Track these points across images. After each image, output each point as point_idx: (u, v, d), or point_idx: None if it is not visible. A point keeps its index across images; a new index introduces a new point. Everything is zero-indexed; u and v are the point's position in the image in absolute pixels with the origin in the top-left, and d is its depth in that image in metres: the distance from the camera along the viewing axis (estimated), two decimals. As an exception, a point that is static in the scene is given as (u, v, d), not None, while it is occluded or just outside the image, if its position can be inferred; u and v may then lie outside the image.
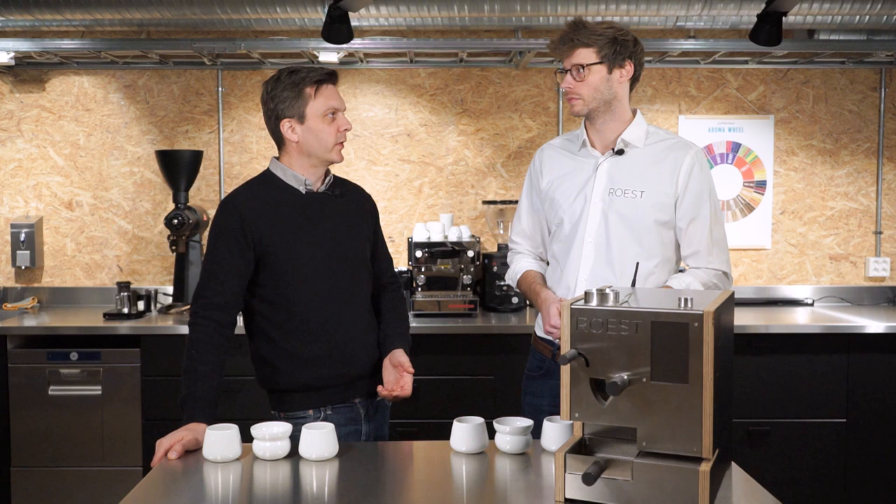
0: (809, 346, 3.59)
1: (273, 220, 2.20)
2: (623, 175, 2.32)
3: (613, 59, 2.27)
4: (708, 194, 2.32)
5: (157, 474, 1.89)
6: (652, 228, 2.29)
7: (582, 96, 2.29)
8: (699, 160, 2.32)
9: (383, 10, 3.64)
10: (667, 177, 2.30)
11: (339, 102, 2.23)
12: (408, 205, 4.28)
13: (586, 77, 2.27)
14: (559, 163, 2.44)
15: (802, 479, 3.61)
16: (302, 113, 2.19)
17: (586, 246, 2.33)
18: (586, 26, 2.28)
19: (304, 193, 2.25)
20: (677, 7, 3.57)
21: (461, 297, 3.80)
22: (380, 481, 1.89)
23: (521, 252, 2.58)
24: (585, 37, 2.26)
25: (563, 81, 2.33)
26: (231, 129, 4.26)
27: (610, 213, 2.30)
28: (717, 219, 2.34)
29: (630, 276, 2.25)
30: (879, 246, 4.30)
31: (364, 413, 2.29)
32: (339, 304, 2.25)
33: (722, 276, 2.34)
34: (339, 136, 2.23)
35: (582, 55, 2.27)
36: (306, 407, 2.22)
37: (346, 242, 2.29)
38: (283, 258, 2.19)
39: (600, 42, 2.26)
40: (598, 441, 1.74)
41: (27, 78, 4.24)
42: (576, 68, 2.28)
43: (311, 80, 2.19)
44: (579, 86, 2.29)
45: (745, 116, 4.27)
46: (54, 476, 3.60)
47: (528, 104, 4.28)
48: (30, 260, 4.15)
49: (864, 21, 3.71)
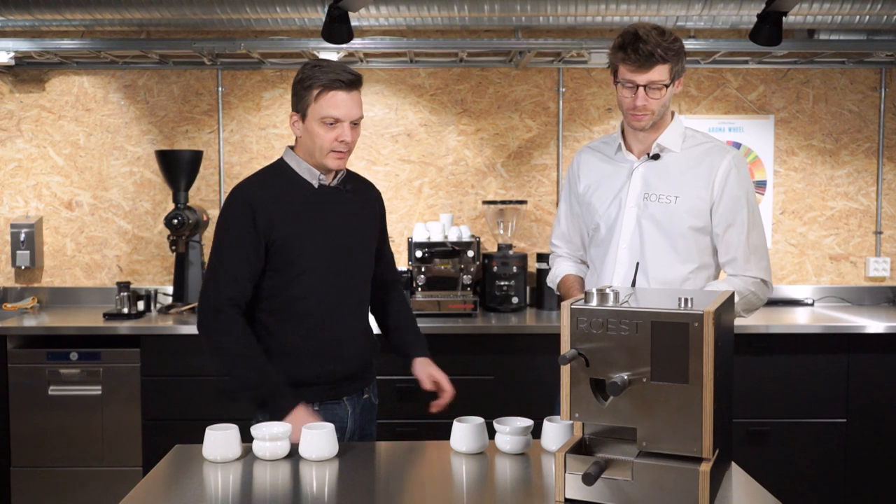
0: (809, 346, 3.59)
1: (283, 213, 2.17)
2: (658, 180, 2.27)
3: (678, 73, 2.19)
4: (745, 200, 2.24)
5: (157, 474, 1.89)
6: (687, 234, 2.24)
7: (654, 112, 2.20)
8: (737, 165, 2.25)
9: (383, 10, 3.64)
10: (702, 182, 2.23)
11: (345, 112, 2.14)
12: (408, 205, 4.28)
13: (661, 95, 2.17)
14: (596, 167, 2.40)
15: (802, 479, 3.61)
16: (305, 111, 2.16)
17: (621, 252, 2.29)
18: (664, 39, 2.12)
19: (317, 187, 2.23)
20: (677, 7, 3.56)
21: (461, 297, 3.80)
22: (380, 481, 1.89)
23: (562, 255, 2.55)
24: (665, 52, 2.12)
25: (629, 97, 2.18)
26: (231, 129, 4.26)
27: (644, 218, 2.26)
28: (754, 225, 2.26)
29: (666, 282, 2.24)
30: (879, 246, 4.30)
31: (350, 411, 2.28)
32: (339, 300, 2.24)
33: (760, 284, 2.27)
34: (336, 145, 2.16)
35: (661, 72, 2.15)
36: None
37: (354, 239, 2.27)
38: (290, 251, 2.17)
39: (675, 57, 2.15)
40: (598, 441, 1.73)
41: (27, 78, 4.24)
42: (653, 85, 2.16)
43: (321, 83, 2.13)
44: (653, 103, 2.18)
45: (745, 116, 4.27)
46: (54, 476, 3.60)
47: (528, 104, 4.27)
48: (30, 260, 4.15)
49: (864, 21, 3.71)
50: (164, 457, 2.01)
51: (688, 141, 2.30)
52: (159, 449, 2.27)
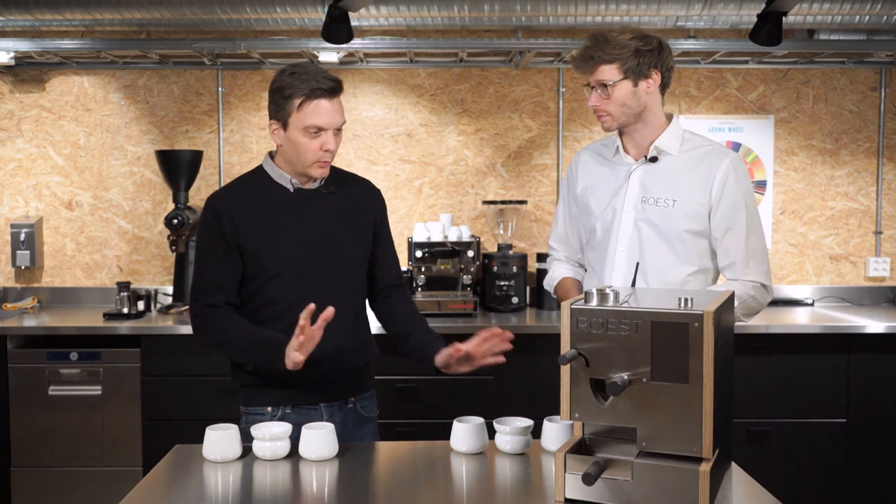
0: (809, 346, 3.59)
1: (253, 218, 2.16)
2: (656, 183, 2.26)
3: (638, 71, 2.18)
4: (744, 204, 2.23)
5: (157, 474, 1.89)
6: (684, 238, 2.23)
7: (610, 113, 2.22)
8: (735, 168, 2.23)
9: (383, 10, 3.64)
10: (700, 186, 2.22)
11: (328, 120, 2.10)
12: (408, 205, 4.28)
13: (612, 94, 2.19)
14: (594, 169, 2.39)
15: (802, 479, 3.61)
16: (286, 121, 2.12)
17: (619, 255, 2.28)
18: (607, 40, 2.17)
19: (293, 191, 2.21)
20: (677, 7, 3.56)
21: (461, 298, 3.80)
22: (380, 481, 1.89)
23: (559, 259, 2.54)
24: (606, 52, 2.16)
25: (589, 99, 2.25)
26: (231, 129, 4.26)
27: (642, 221, 2.26)
28: (753, 229, 2.24)
29: (664, 285, 2.23)
30: (879, 246, 4.30)
31: (326, 417, 2.21)
32: (318, 305, 2.06)
33: (759, 289, 2.25)
34: (321, 154, 2.12)
35: (605, 72, 2.19)
36: (265, 404, 2.20)
37: (335, 242, 2.22)
38: (261, 256, 2.16)
39: (623, 56, 2.16)
40: (598, 441, 1.73)
41: (27, 78, 4.24)
42: (600, 86, 2.20)
43: (302, 92, 2.07)
44: (606, 103, 2.21)
45: (745, 116, 4.27)
46: (54, 476, 3.60)
47: (528, 104, 4.27)
48: (30, 260, 4.15)
49: (864, 21, 3.71)
50: (164, 457, 2.01)
51: (686, 144, 2.28)
52: (159, 449, 2.27)
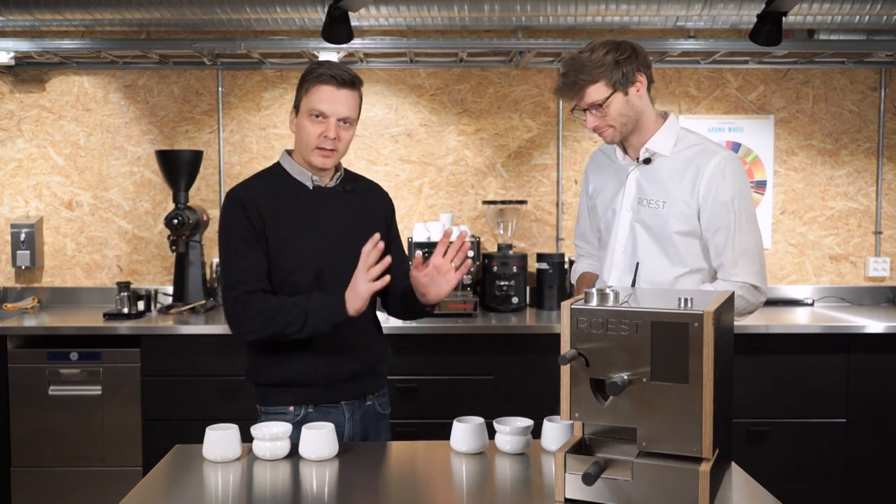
0: (809, 346, 3.59)
1: (274, 213, 2.17)
2: (650, 185, 2.28)
3: (625, 81, 2.17)
4: (733, 203, 2.20)
5: (157, 474, 1.89)
6: (675, 239, 2.23)
7: (612, 126, 2.21)
8: (725, 167, 2.20)
9: (383, 10, 3.64)
10: (688, 186, 2.22)
11: (330, 107, 2.12)
12: (408, 205, 4.28)
13: (608, 110, 2.18)
14: (602, 170, 2.43)
15: (802, 479, 3.61)
16: (299, 105, 2.18)
17: (617, 255, 2.32)
18: (584, 62, 2.16)
19: (311, 189, 2.22)
20: (677, 7, 3.57)
21: (461, 297, 3.80)
22: (380, 481, 1.89)
23: (583, 255, 2.60)
24: (589, 74, 2.15)
25: (586, 122, 2.23)
26: (231, 129, 4.26)
27: (637, 223, 2.28)
28: (742, 228, 2.21)
29: (657, 285, 2.25)
30: (879, 246, 4.30)
31: (348, 416, 2.23)
32: None
33: (750, 289, 2.22)
34: (320, 140, 2.13)
35: (594, 93, 2.17)
36: (287, 403, 2.19)
37: (352, 240, 2.22)
38: (282, 252, 2.16)
39: (606, 72, 2.15)
40: (598, 441, 1.74)
41: (27, 78, 4.24)
42: (594, 107, 2.19)
43: (315, 76, 2.14)
44: (605, 120, 2.20)
45: (745, 116, 4.27)
46: (54, 476, 3.60)
47: (528, 104, 4.27)
48: (30, 260, 4.15)
49: (864, 21, 3.71)
50: (164, 457, 2.01)
51: (679, 144, 2.27)
52: (159, 449, 2.27)
